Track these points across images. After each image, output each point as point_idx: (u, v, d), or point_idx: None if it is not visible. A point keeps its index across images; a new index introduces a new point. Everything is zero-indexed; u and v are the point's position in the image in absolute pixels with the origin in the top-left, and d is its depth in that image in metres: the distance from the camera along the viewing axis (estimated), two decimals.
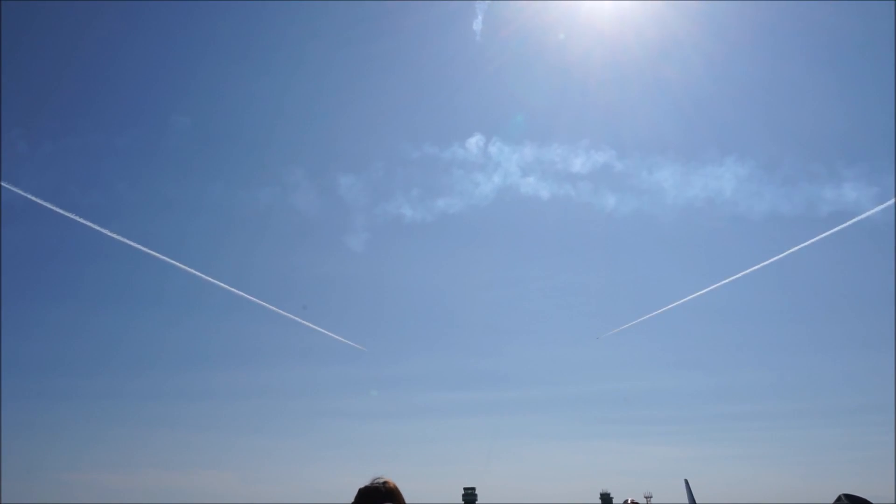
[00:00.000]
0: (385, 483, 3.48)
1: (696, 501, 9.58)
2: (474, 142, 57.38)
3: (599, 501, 72.63)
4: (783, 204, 52.70)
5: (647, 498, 60.91)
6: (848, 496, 1.31)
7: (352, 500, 3.50)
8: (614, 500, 70.09)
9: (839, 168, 54.70)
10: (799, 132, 73.05)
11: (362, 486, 3.47)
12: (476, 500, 77.38)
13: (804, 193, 50.63)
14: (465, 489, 78.06)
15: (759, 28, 69.75)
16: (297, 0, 71.28)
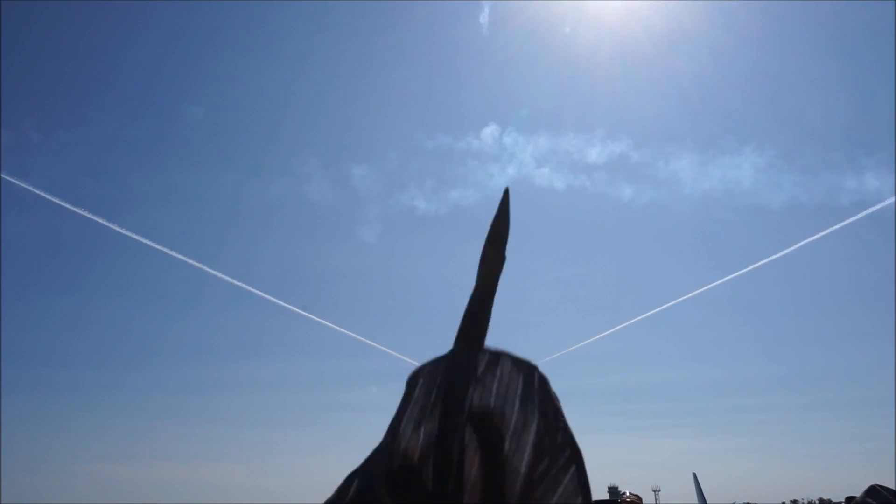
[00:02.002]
0: None
1: (705, 495, 9.42)
2: (489, 132, 56.72)
3: (607, 495, 72.07)
4: (803, 193, 51.92)
5: (655, 491, 60.74)
6: (882, 486, 1.16)
7: None
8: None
9: (859, 157, 54.00)
10: (818, 121, 72.23)
11: None
12: None
13: (825, 183, 49.90)
14: None
15: (775, 17, 69.09)
16: None
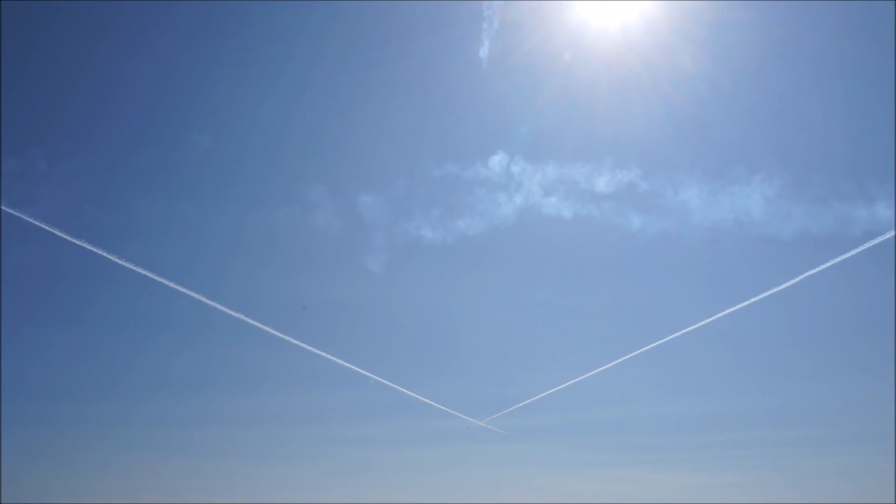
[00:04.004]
0: None
1: None
2: (497, 160, 56.52)
3: None
4: (813, 224, 51.30)
5: None
6: None
7: None
8: None
9: (869, 187, 53.44)
10: (826, 150, 71.43)
11: None
12: None
13: (835, 213, 49.33)
14: None
15: (781, 44, 69.07)
16: (320, 2, 71.04)
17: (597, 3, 52.90)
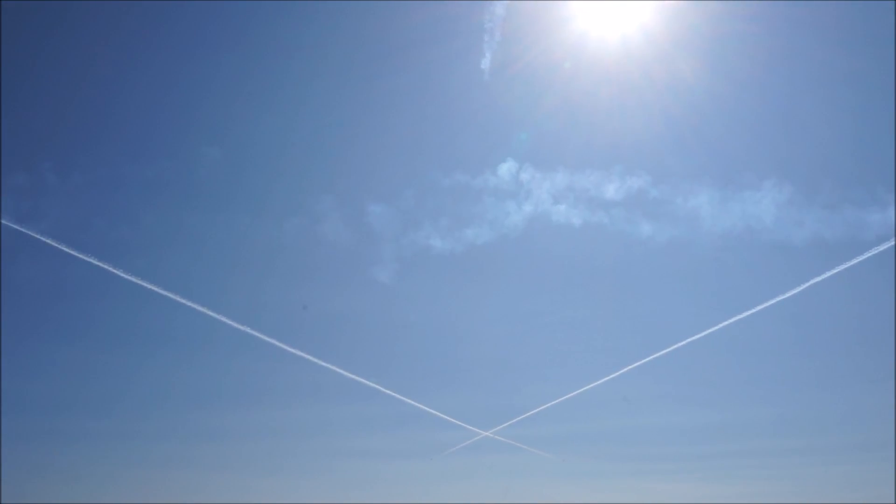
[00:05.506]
0: None
1: None
2: (506, 168, 56.68)
3: None
4: (825, 230, 50.89)
5: None
6: None
7: None
8: None
9: (881, 193, 52.98)
10: (836, 155, 70.74)
11: None
12: None
13: (847, 218, 48.91)
14: None
15: (791, 51, 68.94)
16: (326, 15, 71.82)
17: (597, 13, 53.05)
